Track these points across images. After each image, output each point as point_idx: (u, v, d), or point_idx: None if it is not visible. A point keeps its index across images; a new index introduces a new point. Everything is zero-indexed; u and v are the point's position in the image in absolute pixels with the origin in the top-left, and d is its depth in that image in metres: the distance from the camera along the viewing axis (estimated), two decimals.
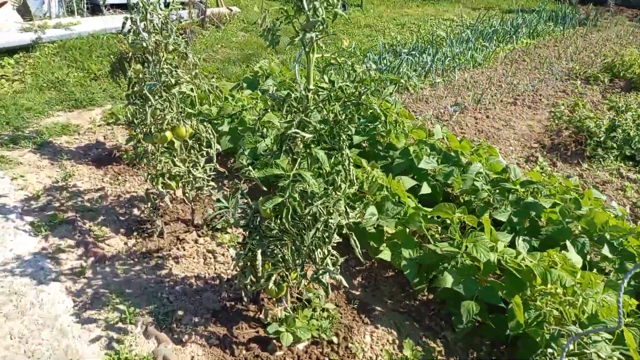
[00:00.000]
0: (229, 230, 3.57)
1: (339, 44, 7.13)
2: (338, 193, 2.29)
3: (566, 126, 5.63)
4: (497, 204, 3.32)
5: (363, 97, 2.29)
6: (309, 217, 2.23)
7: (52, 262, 3.08)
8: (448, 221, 3.14)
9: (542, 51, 8.94)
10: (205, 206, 3.83)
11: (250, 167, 2.22)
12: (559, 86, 7.22)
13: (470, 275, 2.76)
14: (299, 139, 2.22)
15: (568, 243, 3.03)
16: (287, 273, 2.55)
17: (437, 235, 3.25)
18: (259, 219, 2.52)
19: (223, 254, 3.33)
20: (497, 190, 3.37)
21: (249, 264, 2.57)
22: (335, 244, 2.38)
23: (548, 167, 4.84)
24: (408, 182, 3.49)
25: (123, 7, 8.50)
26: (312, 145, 2.29)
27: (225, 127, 4.31)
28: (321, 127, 2.22)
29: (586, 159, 4.99)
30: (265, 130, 4.20)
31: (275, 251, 2.40)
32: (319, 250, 2.38)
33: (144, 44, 2.78)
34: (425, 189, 3.63)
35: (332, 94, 2.23)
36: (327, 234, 2.35)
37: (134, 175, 4.22)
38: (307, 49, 2.21)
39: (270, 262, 2.44)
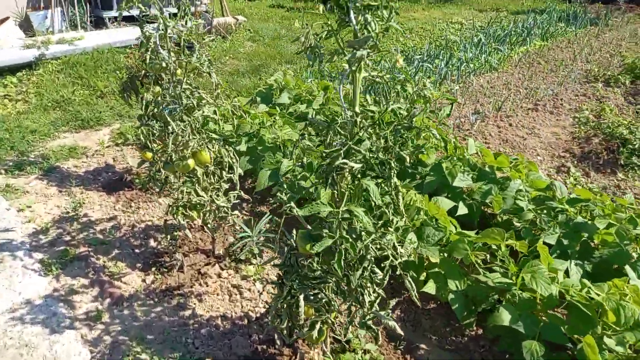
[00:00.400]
0: (253, 261, 3.31)
1: (379, 58, 6.85)
2: (390, 228, 2.04)
3: (594, 133, 5.37)
4: (545, 225, 3.05)
5: (415, 119, 2.05)
6: (356, 256, 1.98)
7: (66, 306, 2.82)
8: (494, 246, 2.89)
9: (556, 53, 8.70)
10: (226, 234, 3.57)
11: (292, 204, 1.96)
12: (579, 89, 6.97)
13: (528, 310, 2.49)
14: (347, 170, 1.97)
15: (628, 268, 2.77)
16: (328, 316, 2.29)
17: (480, 263, 2.99)
18: (295, 256, 2.27)
19: (249, 289, 3.07)
20: (545, 211, 3.11)
21: (285, 306, 2.31)
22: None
23: (581, 177, 4.58)
24: (446, 203, 3.24)
25: (128, 19, 8.27)
26: (359, 176, 2.05)
27: (242, 147, 4.05)
28: (370, 155, 1.97)
29: (620, 167, 4.73)
30: (285, 148, 3.95)
31: (319, 295, 2.14)
32: (367, 292, 2.12)
33: (164, 64, 2.53)
34: (462, 210, 3.38)
35: (381, 118, 1.98)
36: (375, 273, 2.10)
37: (147, 202, 3.97)
38: (353, 68, 1.96)
39: (313, 307, 2.18)
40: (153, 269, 3.20)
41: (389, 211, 2.02)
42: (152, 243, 3.48)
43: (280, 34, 9.35)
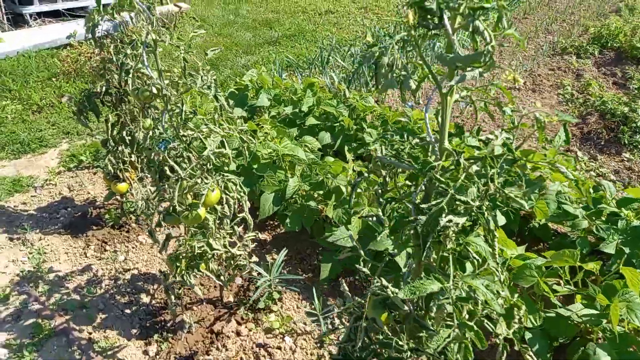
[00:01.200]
0: (273, 308, 2.78)
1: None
2: (500, 292, 1.60)
3: (587, 111, 5.17)
4: (604, 233, 2.73)
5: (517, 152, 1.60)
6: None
7: None
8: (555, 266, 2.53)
9: (516, 26, 8.54)
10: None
11: (384, 281, 1.46)
12: (551, 63, 6.82)
13: (625, 346, 2.15)
14: (452, 228, 1.49)
15: None
16: None
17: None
18: (366, 330, 1.79)
19: (279, 347, 2.55)
20: (603, 218, 2.79)
21: None
22: None
23: (590, 162, 4.36)
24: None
25: (53, 15, 7.19)
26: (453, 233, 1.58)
27: (232, 166, 3.45)
28: (477, 204, 1.51)
29: (624, 147, 4.55)
30: (284, 163, 3.40)
31: None
32: None
33: (155, 90, 1.92)
34: (501, 220, 3.00)
35: (491, 156, 1.52)
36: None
37: (124, 242, 3.30)
38: (443, 91, 1.46)
39: None
40: (155, 335, 2.59)
41: (499, 270, 1.58)
42: (144, 298, 2.86)
43: (230, 20, 8.57)
